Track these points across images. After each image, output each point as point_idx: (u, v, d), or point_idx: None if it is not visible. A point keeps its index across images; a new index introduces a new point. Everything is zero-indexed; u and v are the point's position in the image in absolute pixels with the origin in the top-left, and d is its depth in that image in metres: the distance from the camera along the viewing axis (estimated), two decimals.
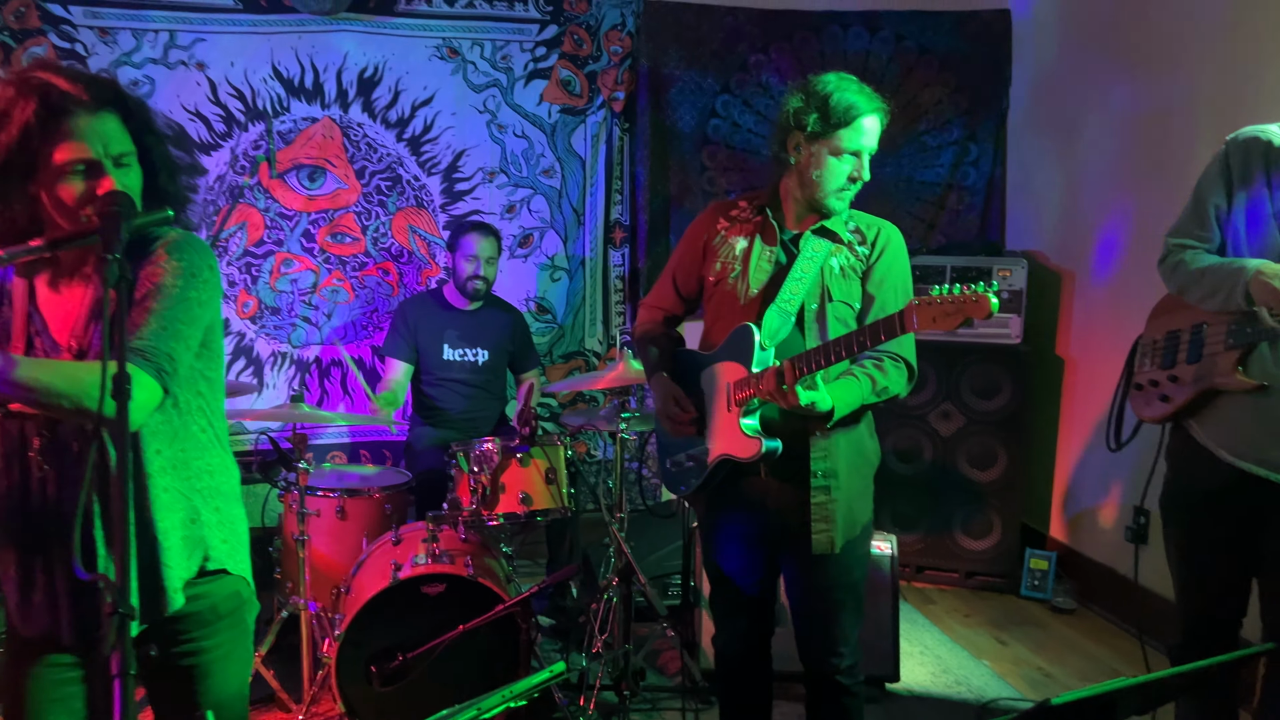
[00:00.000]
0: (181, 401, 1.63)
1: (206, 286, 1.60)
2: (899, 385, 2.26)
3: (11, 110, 1.48)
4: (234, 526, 1.74)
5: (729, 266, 2.34)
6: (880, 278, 2.28)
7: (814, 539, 2.25)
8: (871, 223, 2.33)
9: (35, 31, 3.86)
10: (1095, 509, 4.16)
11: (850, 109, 2.17)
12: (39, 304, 1.61)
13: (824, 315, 2.24)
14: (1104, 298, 4.09)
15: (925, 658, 3.60)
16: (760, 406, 2.23)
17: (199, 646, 1.67)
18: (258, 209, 4.17)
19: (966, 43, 4.64)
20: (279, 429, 3.49)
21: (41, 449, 1.56)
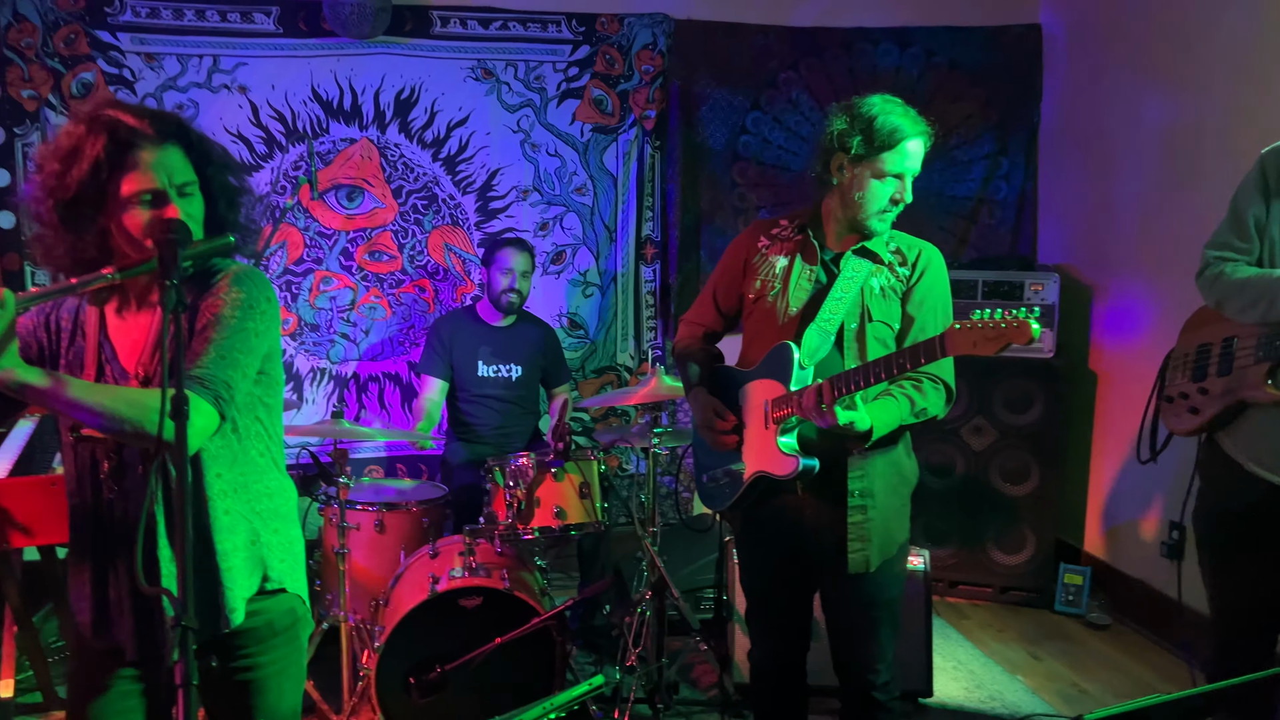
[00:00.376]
0: (241, 427, 1.70)
1: (264, 318, 1.66)
2: (937, 407, 2.28)
3: (83, 146, 1.56)
4: (291, 546, 1.80)
5: (769, 284, 2.36)
6: (920, 299, 2.30)
7: (850, 558, 2.27)
8: (912, 244, 2.35)
9: (85, 58, 3.98)
10: (1130, 524, 4.14)
11: (895, 132, 2.19)
12: (109, 332, 1.69)
13: (863, 335, 2.26)
14: (1137, 311, 4.08)
15: (958, 673, 3.60)
16: (798, 425, 2.25)
17: (255, 662, 1.73)
18: (298, 228, 4.26)
19: (997, 57, 4.66)
20: (318, 444, 3.56)
21: (110, 471, 1.64)
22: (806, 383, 2.20)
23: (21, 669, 3.17)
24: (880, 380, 2.08)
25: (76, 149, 1.56)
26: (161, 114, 1.64)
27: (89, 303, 1.70)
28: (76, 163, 1.56)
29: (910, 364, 2.04)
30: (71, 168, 1.56)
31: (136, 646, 1.66)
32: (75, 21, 3.95)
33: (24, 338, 1.69)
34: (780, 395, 2.24)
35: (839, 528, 2.27)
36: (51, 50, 3.94)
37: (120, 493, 1.64)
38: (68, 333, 1.70)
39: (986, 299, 4.21)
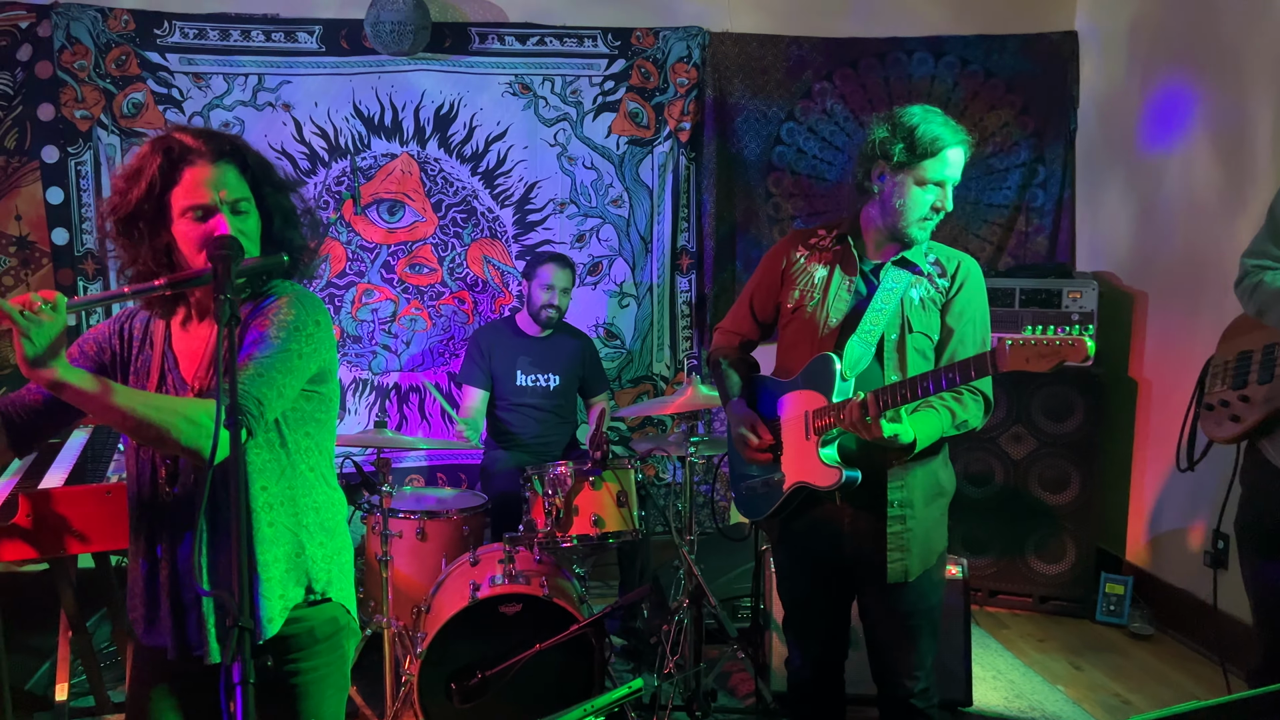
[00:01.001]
0: (290, 442, 1.74)
1: (310, 340, 1.70)
2: (976, 419, 2.28)
3: (144, 165, 1.65)
4: (338, 558, 1.83)
5: (808, 295, 2.37)
6: (959, 310, 2.30)
7: (889, 568, 2.28)
8: (951, 255, 2.36)
9: (135, 78, 4.10)
10: (1173, 533, 4.09)
11: (936, 140, 2.20)
12: (173, 343, 1.76)
13: (903, 346, 2.27)
14: (1178, 319, 4.04)
15: (998, 682, 3.58)
16: (839, 436, 2.27)
17: (297, 668, 1.77)
18: (340, 242, 4.35)
19: (1033, 64, 4.64)
20: (362, 454, 3.63)
21: (167, 477, 1.70)
22: (848, 394, 2.21)
23: (75, 673, 3.25)
24: (927, 394, 2.08)
25: (139, 169, 1.65)
26: (219, 134, 1.71)
27: (158, 317, 1.77)
28: (137, 181, 1.65)
29: (961, 379, 2.04)
30: (133, 186, 1.65)
31: (174, 646, 1.71)
32: (126, 43, 4.07)
33: (100, 344, 1.78)
34: (822, 406, 2.25)
35: (878, 537, 2.28)
36: (103, 71, 4.07)
37: (173, 497, 1.70)
38: (138, 342, 1.78)
39: (1024, 307, 4.19)
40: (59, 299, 1.46)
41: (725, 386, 2.56)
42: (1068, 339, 1.88)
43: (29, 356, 1.44)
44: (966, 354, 2.27)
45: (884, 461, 2.26)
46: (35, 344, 1.43)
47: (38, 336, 1.43)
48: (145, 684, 1.78)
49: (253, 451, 1.69)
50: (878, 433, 2.09)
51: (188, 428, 1.51)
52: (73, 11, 4.01)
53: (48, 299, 1.45)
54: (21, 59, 4.00)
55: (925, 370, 2.27)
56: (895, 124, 2.24)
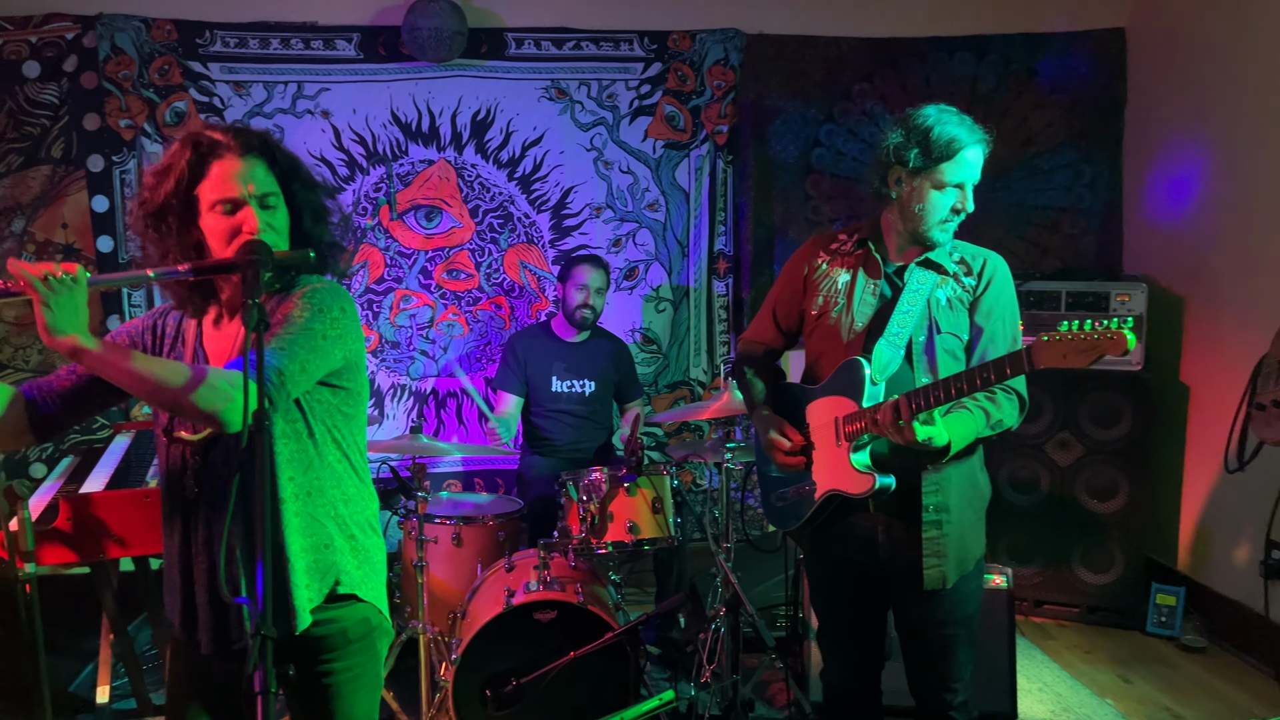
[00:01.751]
0: (317, 434, 1.74)
1: (335, 324, 1.70)
2: (1012, 418, 2.23)
3: (174, 161, 1.67)
4: (368, 555, 1.83)
5: (832, 300, 2.34)
6: (988, 309, 2.25)
7: (926, 574, 2.23)
8: (976, 253, 2.31)
9: (178, 87, 4.15)
10: (1225, 541, 3.98)
11: (952, 142, 2.16)
12: (204, 340, 1.78)
13: (932, 348, 2.22)
14: (1230, 322, 3.93)
15: (1044, 695, 3.49)
16: (871, 441, 2.22)
17: (330, 669, 1.76)
18: (378, 248, 4.37)
19: (1079, 63, 4.55)
20: (398, 459, 3.63)
21: (195, 472, 1.71)
22: (879, 398, 2.17)
23: (117, 676, 3.29)
24: (962, 395, 2.04)
25: (169, 165, 1.68)
26: (246, 129, 1.73)
27: (190, 316, 1.79)
28: (166, 176, 1.67)
29: (996, 378, 1.99)
30: (162, 181, 1.67)
31: (211, 642, 1.71)
32: (169, 53, 4.13)
33: (132, 337, 1.81)
34: (852, 412, 2.21)
35: (914, 544, 2.23)
36: (147, 81, 4.12)
37: (202, 494, 1.71)
38: (170, 338, 1.80)
39: (1070, 310, 4.09)
40: (80, 271, 1.50)
41: (750, 394, 2.52)
42: (1106, 332, 1.82)
43: (49, 324, 1.48)
44: (998, 352, 2.22)
45: (918, 466, 2.21)
46: (55, 312, 1.47)
47: (57, 305, 1.47)
48: (184, 683, 1.79)
49: (279, 442, 1.69)
50: (911, 436, 2.04)
51: (206, 391, 1.52)
52: (117, 22, 4.07)
53: (69, 271, 1.49)
54: (68, 70, 4.07)
55: (956, 371, 2.22)
56: (909, 127, 2.19)
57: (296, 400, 1.70)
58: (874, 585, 2.36)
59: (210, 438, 1.70)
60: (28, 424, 1.72)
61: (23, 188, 4.11)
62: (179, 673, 1.81)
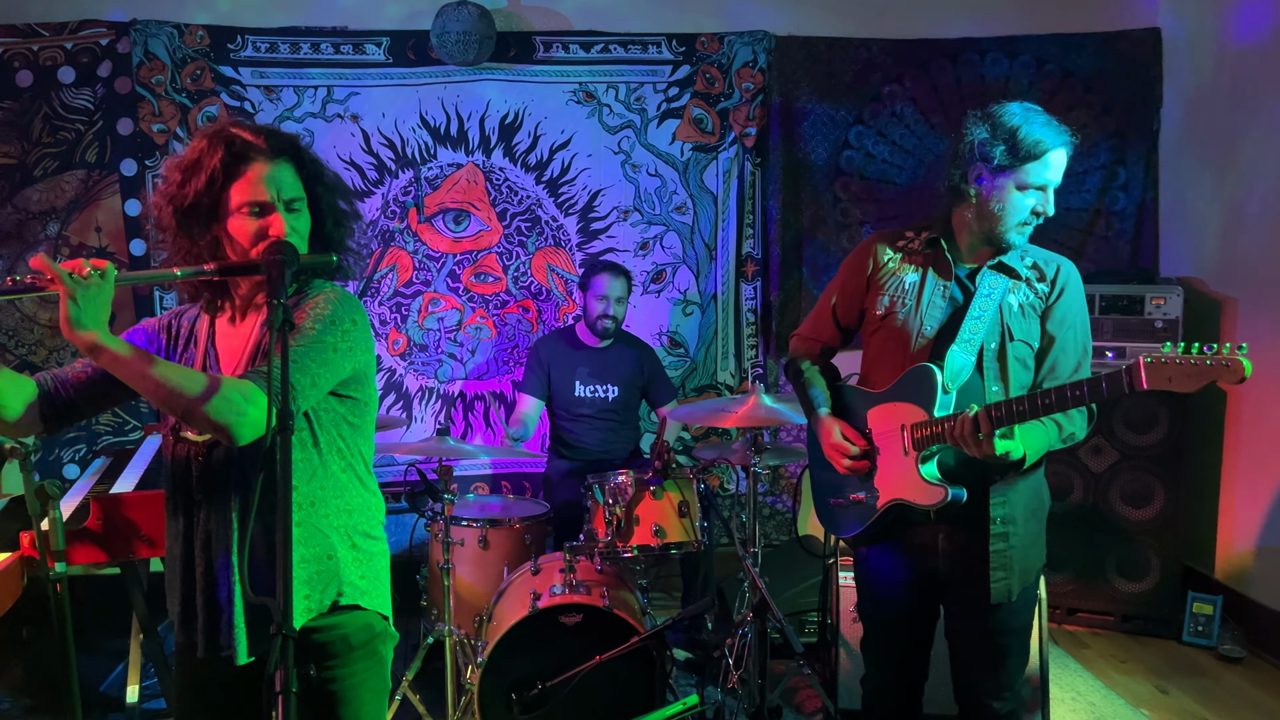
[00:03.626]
0: (323, 443, 1.73)
1: (346, 336, 1.69)
2: (1082, 430, 2.17)
3: (203, 159, 1.66)
4: (371, 563, 1.81)
5: (899, 301, 2.27)
6: (1061, 317, 2.19)
7: (993, 587, 2.18)
8: (1049, 259, 2.24)
9: (209, 92, 4.19)
10: (1265, 550, 3.89)
11: (1039, 143, 2.09)
12: (216, 340, 1.78)
13: (1004, 355, 2.16)
14: (1271, 326, 3.85)
15: (1077, 704, 3.43)
16: (940, 451, 2.16)
17: (335, 675, 1.75)
18: (407, 251, 4.39)
19: (1113, 64, 4.48)
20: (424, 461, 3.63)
21: (199, 473, 1.70)
22: (950, 408, 2.11)
23: (147, 675, 3.31)
24: (1049, 411, 1.97)
25: (197, 161, 1.67)
26: (277, 131, 1.73)
27: (203, 311, 1.80)
28: (196, 174, 1.66)
29: (1090, 398, 1.92)
30: (191, 178, 1.66)
31: (205, 645, 1.70)
32: (200, 58, 4.17)
33: (148, 337, 1.81)
34: (922, 420, 2.14)
35: (978, 555, 2.18)
36: (179, 86, 4.17)
37: (205, 494, 1.70)
38: (184, 338, 1.80)
39: (1104, 314, 4.04)
40: (109, 268, 1.51)
41: (808, 395, 2.44)
42: (1220, 358, 1.75)
43: (72, 318, 1.48)
44: (1068, 362, 2.17)
45: (986, 477, 2.15)
46: (80, 307, 1.48)
47: (83, 300, 1.48)
48: (188, 682, 1.78)
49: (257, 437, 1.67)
50: (990, 450, 1.99)
51: (220, 403, 1.52)
52: (150, 28, 4.11)
53: (98, 267, 1.50)
54: (102, 75, 4.12)
55: (1025, 380, 2.18)
56: (995, 124, 2.12)
57: (304, 410, 1.69)
58: (928, 594, 2.32)
59: (214, 439, 1.70)
60: (38, 412, 1.72)
61: (57, 192, 4.17)
62: (182, 674, 1.80)
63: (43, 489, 2.43)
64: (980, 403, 2.06)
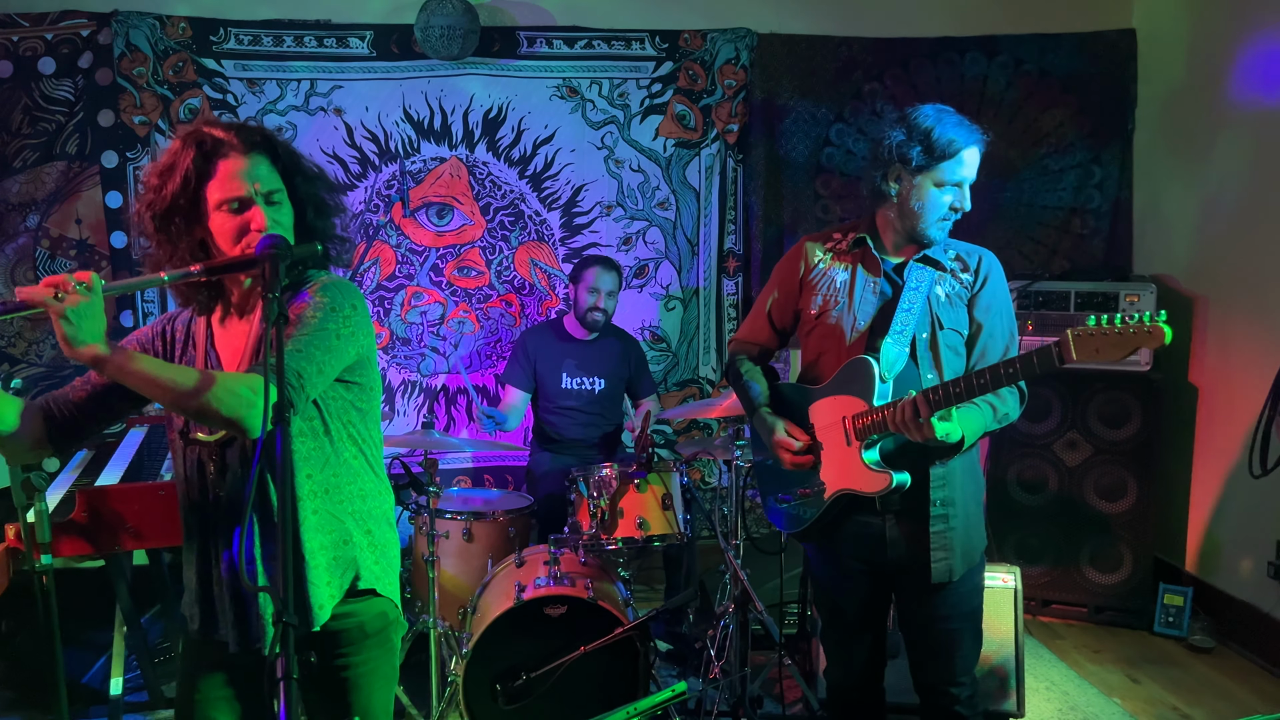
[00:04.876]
0: (333, 430, 1.76)
1: (347, 322, 1.71)
2: (1015, 411, 2.26)
3: (177, 161, 1.67)
4: (385, 550, 1.85)
5: (831, 300, 2.34)
6: (986, 304, 2.28)
7: (933, 568, 2.24)
8: (971, 250, 2.34)
9: (191, 84, 4.18)
10: (1235, 542, 3.98)
11: (952, 142, 2.18)
12: (215, 342, 1.78)
13: (936, 344, 2.24)
14: (1241, 323, 3.93)
15: (1051, 694, 3.50)
16: (881, 440, 2.23)
17: (347, 662, 1.79)
18: (390, 245, 4.39)
19: (1090, 64, 4.55)
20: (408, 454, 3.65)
21: (215, 473, 1.72)
22: (888, 397, 2.18)
23: (130, 668, 3.31)
24: (985, 391, 2.05)
25: (172, 164, 1.67)
26: (246, 126, 1.73)
27: (197, 314, 1.80)
28: (171, 176, 1.66)
29: (1023, 374, 2.00)
30: (167, 182, 1.66)
31: (237, 640, 1.72)
32: (183, 50, 4.16)
33: (142, 345, 1.80)
34: (862, 410, 2.21)
35: (920, 538, 2.25)
36: (161, 78, 4.15)
37: (223, 494, 1.72)
38: (180, 343, 1.80)
39: (1079, 310, 4.10)
40: (94, 279, 1.49)
41: (749, 396, 2.50)
42: (1142, 325, 1.82)
43: (69, 337, 1.47)
44: (997, 346, 2.26)
45: (926, 462, 2.22)
46: (73, 324, 1.46)
47: (75, 316, 1.46)
48: (196, 679, 1.80)
49: (297, 440, 1.70)
50: (930, 433, 2.06)
51: (228, 398, 1.53)
52: (132, 20, 4.10)
53: (82, 279, 1.48)
54: (83, 66, 4.10)
55: (959, 366, 2.26)
56: (910, 126, 2.22)
57: (313, 399, 1.71)
58: (879, 582, 2.38)
59: (226, 438, 1.71)
60: (45, 436, 1.72)
61: (37, 183, 4.14)
62: (194, 668, 1.82)
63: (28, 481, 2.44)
64: (917, 390, 2.13)
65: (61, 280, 1.47)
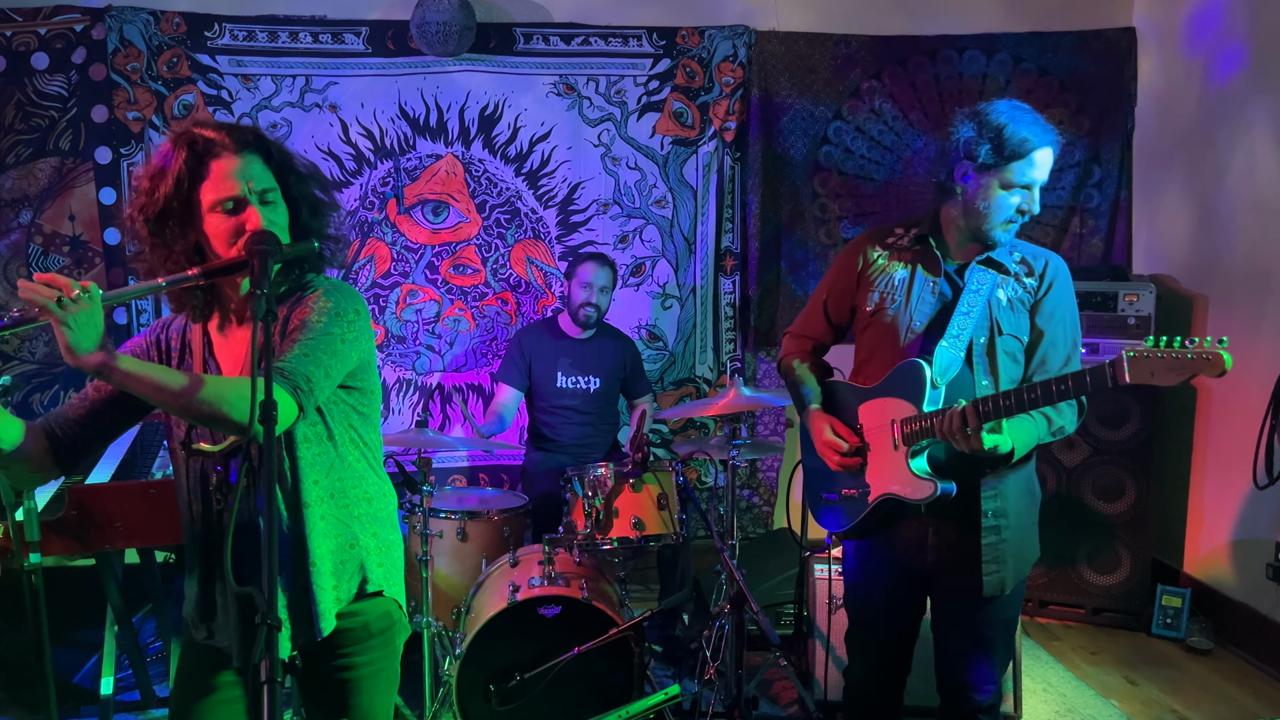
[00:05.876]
0: (336, 434, 1.74)
1: (352, 327, 1.70)
2: (1072, 423, 2.19)
3: (168, 163, 1.64)
4: (390, 551, 1.83)
5: (888, 297, 2.27)
6: (1050, 311, 2.21)
7: (985, 580, 2.18)
8: (1038, 254, 2.26)
9: (186, 80, 4.15)
10: (1233, 544, 3.96)
11: (1025, 141, 2.10)
12: (214, 349, 1.75)
13: (993, 350, 2.17)
14: (1241, 323, 3.91)
15: (1049, 695, 3.48)
16: (930, 446, 2.17)
17: (352, 662, 1.77)
18: (385, 243, 4.37)
19: (1088, 62, 4.53)
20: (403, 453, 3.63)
21: (218, 483, 1.70)
22: (939, 402, 2.13)
23: (121, 667, 3.29)
24: (1035, 406, 1.99)
25: (163, 167, 1.64)
26: (238, 126, 1.70)
27: (193, 321, 1.77)
28: (163, 179, 1.63)
29: (1075, 393, 1.93)
30: (159, 184, 1.63)
31: (240, 651, 1.70)
32: (177, 45, 4.13)
33: (136, 354, 1.77)
34: (911, 415, 2.16)
35: (970, 549, 2.19)
36: (155, 73, 4.12)
37: (227, 503, 1.69)
38: (176, 351, 1.77)
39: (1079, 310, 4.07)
40: (93, 289, 1.46)
41: (800, 393, 2.44)
42: (1201, 350, 1.76)
43: (72, 345, 1.44)
44: (1058, 356, 2.19)
45: (977, 471, 2.16)
46: (76, 331, 1.44)
47: (77, 324, 1.44)
48: (198, 687, 1.77)
49: (302, 446, 1.69)
50: (978, 445, 1.99)
51: (240, 404, 1.50)
52: (125, 14, 4.07)
53: (84, 287, 1.45)
54: (76, 61, 4.07)
55: (1016, 374, 2.20)
56: (982, 122, 2.13)
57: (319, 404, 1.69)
58: (916, 588, 2.33)
59: (231, 448, 1.68)
60: (51, 459, 1.69)
61: (30, 179, 4.12)
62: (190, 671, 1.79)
63: None
64: (970, 397, 2.07)
65: (64, 285, 1.44)
